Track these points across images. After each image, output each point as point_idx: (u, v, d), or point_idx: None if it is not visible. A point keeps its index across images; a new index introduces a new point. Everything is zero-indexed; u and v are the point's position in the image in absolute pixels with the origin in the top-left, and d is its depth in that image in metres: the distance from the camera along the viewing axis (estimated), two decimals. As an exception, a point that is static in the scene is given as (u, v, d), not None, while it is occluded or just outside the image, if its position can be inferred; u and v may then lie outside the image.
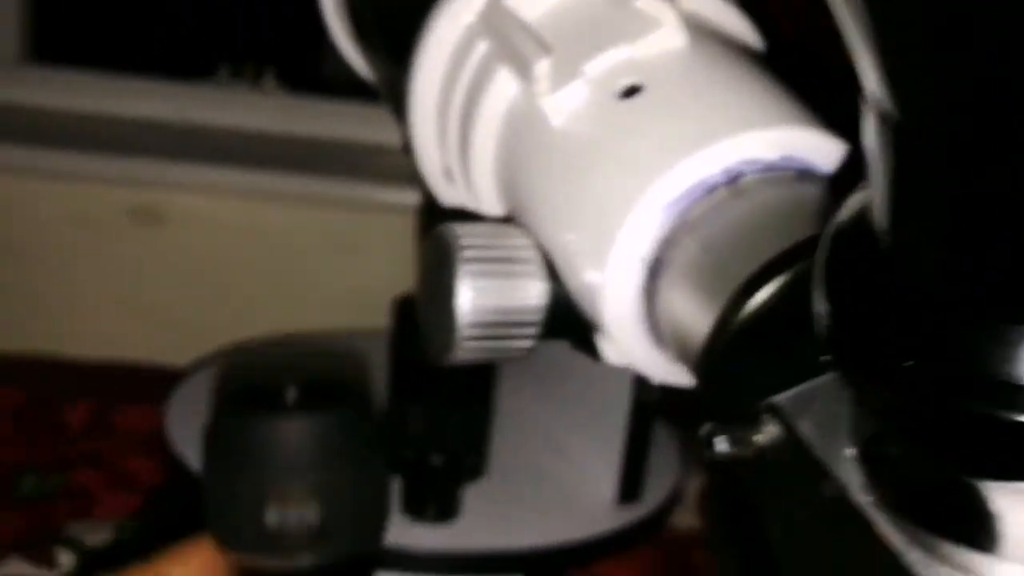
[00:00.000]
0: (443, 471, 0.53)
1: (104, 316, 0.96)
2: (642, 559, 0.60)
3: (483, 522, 0.55)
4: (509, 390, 0.70)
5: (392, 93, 0.45)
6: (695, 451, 0.24)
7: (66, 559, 0.57)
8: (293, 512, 0.33)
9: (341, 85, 1.20)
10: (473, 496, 0.56)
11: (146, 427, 0.69)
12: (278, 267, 0.97)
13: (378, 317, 0.72)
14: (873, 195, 0.17)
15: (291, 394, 0.36)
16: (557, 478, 0.61)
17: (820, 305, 0.18)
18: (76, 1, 1.21)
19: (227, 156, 1.05)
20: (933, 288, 0.16)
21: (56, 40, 1.16)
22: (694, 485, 0.66)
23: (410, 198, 0.76)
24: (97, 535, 0.59)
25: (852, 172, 0.27)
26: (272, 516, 0.32)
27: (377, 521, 0.36)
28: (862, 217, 0.18)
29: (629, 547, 0.58)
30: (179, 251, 0.96)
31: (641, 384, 0.57)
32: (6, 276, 0.96)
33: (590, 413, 0.61)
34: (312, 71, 1.25)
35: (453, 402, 0.52)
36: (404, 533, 0.54)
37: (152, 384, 0.71)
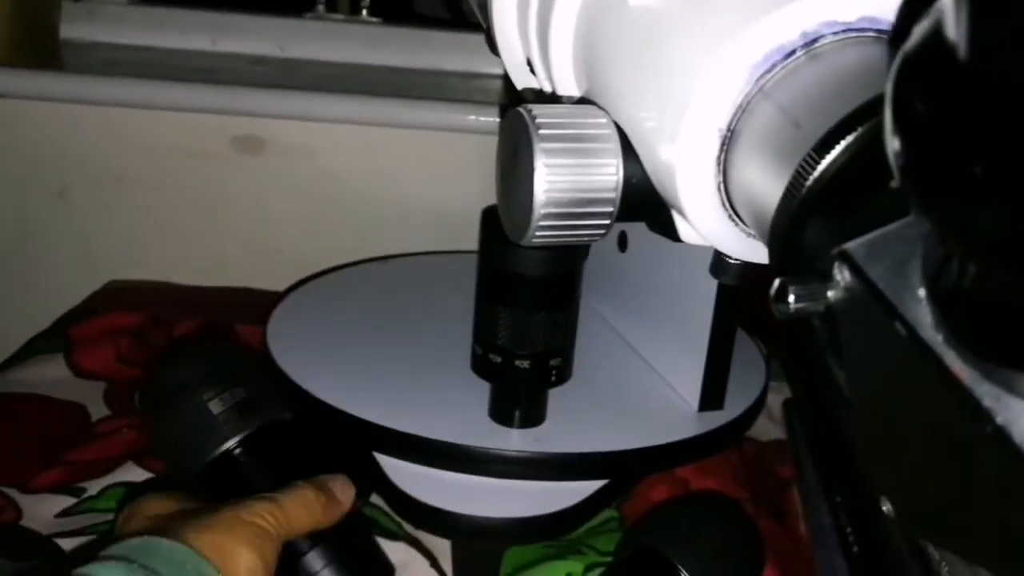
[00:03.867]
0: (529, 375, 0.53)
1: (210, 243, 0.99)
2: (726, 468, 0.60)
3: (567, 427, 0.56)
4: (595, 301, 0.70)
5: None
6: (770, 307, 0.23)
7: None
8: (227, 395, 0.45)
9: (431, 16, 1.20)
10: (558, 401, 0.56)
11: (250, 345, 0.72)
12: (375, 192, 0.99)
13: (471, 237, 0.73)
14: (945, 7, 0.16)
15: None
16: (640, 386, 0.61)
17: (892, 138, 0.18)
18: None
19: (324, 86, 1.06)
20: (1016, 91, 0.15)
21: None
22: (779, 398, 0.65)
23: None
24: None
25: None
26: (214, 405, 0.45)
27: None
28: (933, 36, 0.17)
29: (709, 454, 0.58)
30: (279, 179, 0.99)
31: (724, 294, 0.57)
32: (119, 206, 1.00)
33: (674, 324, 0.60)
34: (404, 3, 1.25)
35: (539, 307, 0.52)
36: (491, 437, 0.55)
37: (256, 307, 0.73)
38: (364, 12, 1.18)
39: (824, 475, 0.32)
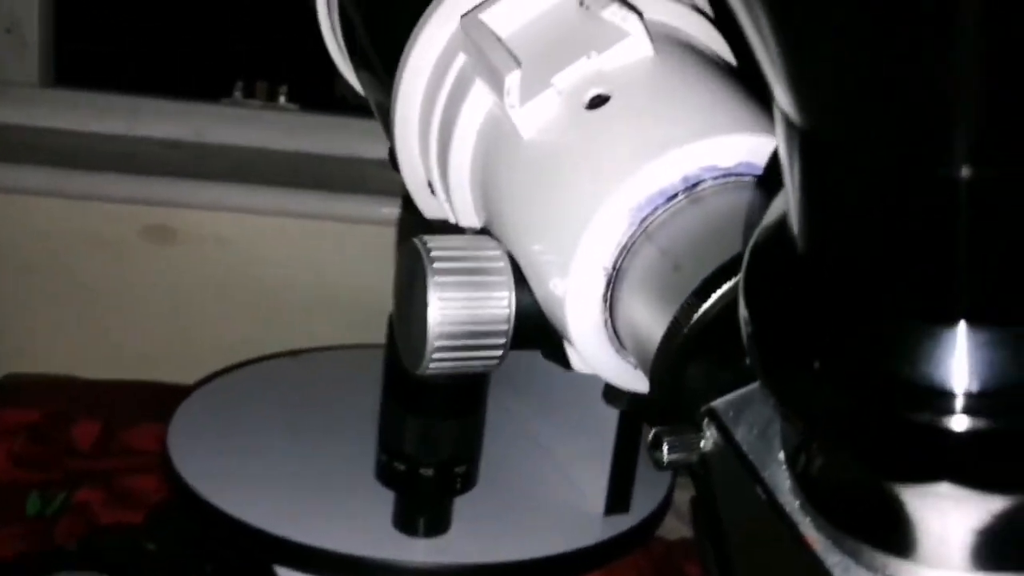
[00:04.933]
0: (434, 483, 0.53)
1: (116, 335, 0.97)
2: (633, 570, 0.60)
3: (473, 535, 0.55)
4: (501, 399, 0.71)
5: (381, 109, 0.46)
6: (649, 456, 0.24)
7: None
8: None
9: (353, 103, 1.21)
10: (463, 508, 0.56)
11: (154, 445, 0.70)
12: (289, 284, 0.98)
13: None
14: (789, 199, 0.17)
15: None
16: (547, 489, 0.61)
17: (743, 312, 0.18)
18: (94, 26, 1.24)
19: (240, 174, 1.06)
20: (843, 291, 0.16)
21: (76, 64, 1.19)
22: (687, 495, 0.66)
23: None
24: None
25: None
26: None
27: None
28: (782, 222, 0.18)
29: (615, 558, 0.58)
30: (190, 269, 0.97)
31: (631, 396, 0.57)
32: (21, 295, 0.97)
33: (580, 424, 0.61)
34: (325, 88, 1.26)
35: (445, 414, 0.52)
36: (394, 548, 0.54)
37: (161, 403, 0.72)
38: (282, 99, 1.18)
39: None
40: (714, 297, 0.25)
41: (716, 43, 0.35)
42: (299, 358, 0.81)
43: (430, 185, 0.40)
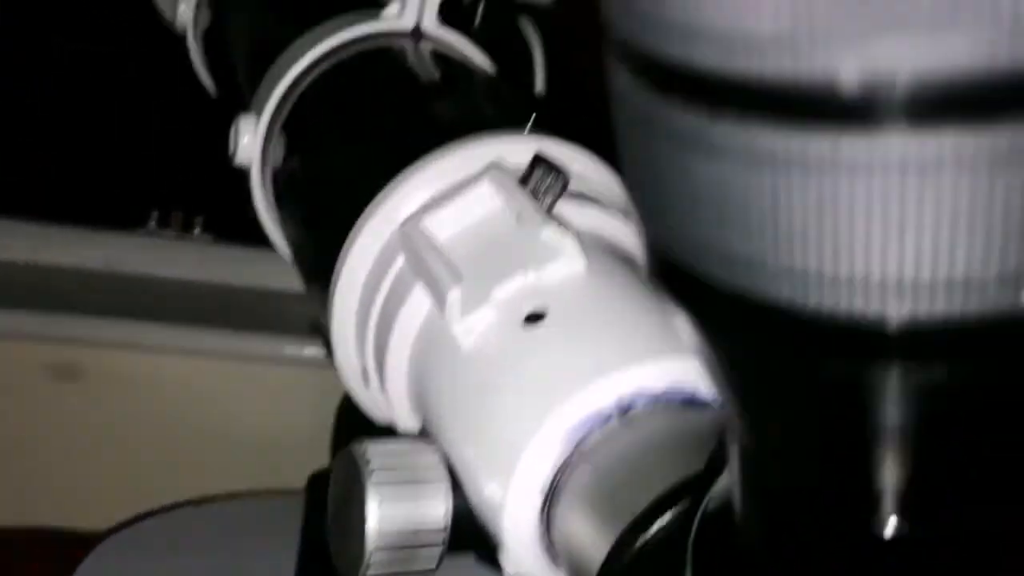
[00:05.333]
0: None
1: (16, 478, 0.93)
2: None
3: None
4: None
5: (311, 283, 0.47)
6: None
7: None
8: None
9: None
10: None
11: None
12: (203, 426, 0.96)
13: (303, 474, 0.72)
14: (732, 486, 0.19)
15: None
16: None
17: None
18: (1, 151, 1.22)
19: (153, 309, 1.04)
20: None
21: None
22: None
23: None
24: None
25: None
26: None
27: None
28: (726, 507, 0.19)
29: None
30: (99, 410, 0.95)
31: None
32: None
33: None
34: (241, 218, 1.26)
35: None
36: None
37: (64, 551, 0.69)
38: (197, 229, 1.18)
39: None
40: (652, 530, 0.26)
41: (640, 248, 0.37)
42: (214, 506, 0.79)
43: (364, 374, 0.40)
